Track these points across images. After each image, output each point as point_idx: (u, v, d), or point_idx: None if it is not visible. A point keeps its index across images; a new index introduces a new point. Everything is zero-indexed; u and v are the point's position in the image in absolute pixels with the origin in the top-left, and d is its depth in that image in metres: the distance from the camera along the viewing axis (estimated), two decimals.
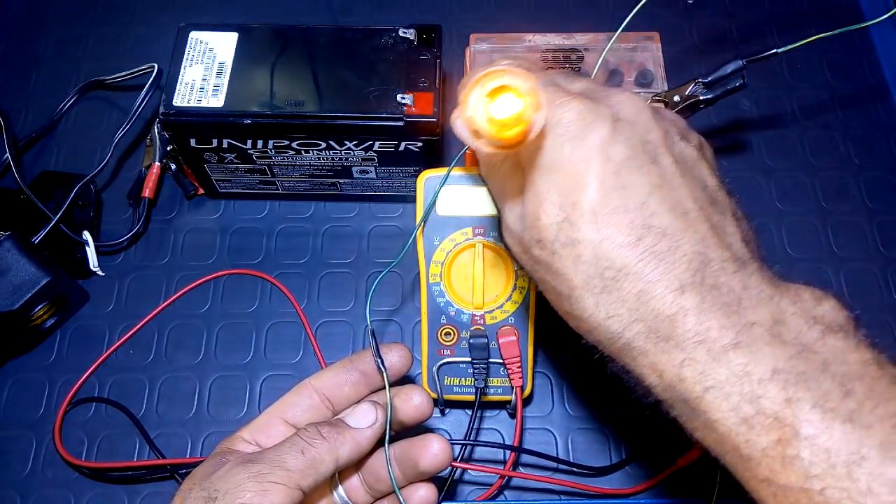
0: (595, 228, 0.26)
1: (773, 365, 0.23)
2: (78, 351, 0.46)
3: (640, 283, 0.25)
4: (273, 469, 0.30)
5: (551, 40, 0.45)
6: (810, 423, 0.22)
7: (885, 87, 0.55)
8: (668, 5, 0.58)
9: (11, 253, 0.43)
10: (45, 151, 0.53)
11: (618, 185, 0.26)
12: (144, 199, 0.49)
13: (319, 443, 0.32)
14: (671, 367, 0.25)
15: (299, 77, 0.44)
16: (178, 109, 0.42)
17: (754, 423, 0.23)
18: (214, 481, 0.30)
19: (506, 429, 0.44)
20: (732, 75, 0.41)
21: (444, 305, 0.40)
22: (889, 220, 0.50)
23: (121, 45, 0.57)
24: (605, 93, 0.29)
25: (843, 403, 0.22)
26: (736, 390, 0.23)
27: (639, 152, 0.27)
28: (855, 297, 0.47)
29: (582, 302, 0.27)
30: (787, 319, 0.24)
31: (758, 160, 0.52)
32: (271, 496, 0.29)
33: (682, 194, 0.27)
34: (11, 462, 0.43)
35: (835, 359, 0.23)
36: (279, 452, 0.31)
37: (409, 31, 0.44)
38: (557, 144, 0.27)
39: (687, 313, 0.24)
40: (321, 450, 0.31)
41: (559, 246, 0.27)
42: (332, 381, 0.35)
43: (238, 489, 0.29)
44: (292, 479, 0.30)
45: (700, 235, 0.26)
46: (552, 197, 0.27)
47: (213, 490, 0.29)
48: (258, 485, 0.29)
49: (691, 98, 0.42)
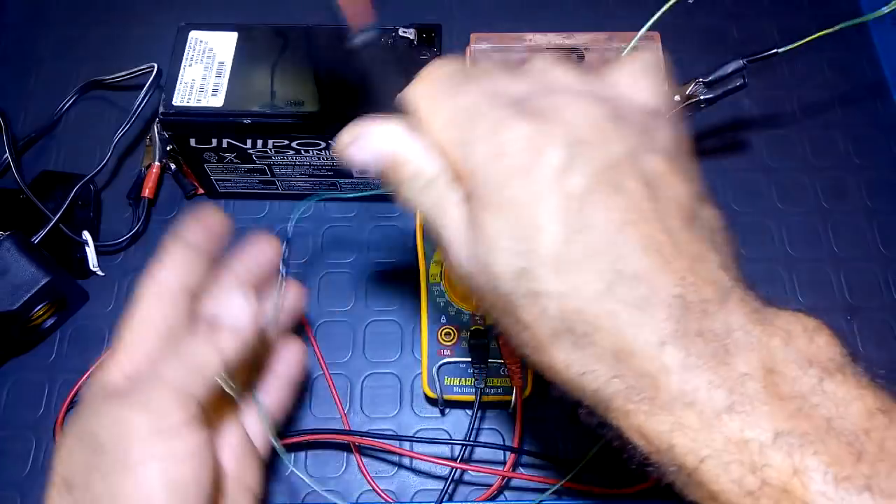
0: (559, 280, 0.22)
1: (773, 427, 0.21)
2: (78, 351, 0.46)
3: (616, 339, 0.22)
4: (153, 386, 0.27)
5: (552, 39, 0.45)
6: (825, 497, 0.20)
7: (885, 87, 0.55)
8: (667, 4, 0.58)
9: (11, 253, 0.43)
10: (44, 151, 0.53)
11: (580, 226, 0.22)
12: (144, 198, 0.49)
13: (195, 343, 0.29)
14: (659, 432, 0.22)
15: (299, 77, 0.44)
16: (178, 109, 0.42)
17: (761, 496, 0.21)
18: (92, 427, 0.26)
19: (506, 429, 0.44)
20: (733, 75, 0.41)
21: (444, 305, 0.40)
22: (890, 220, 0.50)
23: (121, 44, 0.57)
24: (555, 101, 0.25)
25: (857, 469, 0.20)
26: (735, 459, 0.21)
27: (601, 181, 0.23)
28: (855, 296, 0.47)
29: (551, 357, 0.23)
30: (780, 367, 0.22)
31: (758, 159, 0.52)
32: (162, 415, 0.26)
33: (654, 227, 0.23)
34: (11, 462, 0.43)
35: (838, 412, 0.21)
36: (154, 368, 0.28)
37: (409, 31, 0.44)
38: (504, 178, 0.23)
39: (671, 372, 0.22)
40: (200, 350, 0.28)
41: (519, 297, 0.23)
42: (188, 276, 0.32)
43: (124, 424, 0.26)
44: (177, 389, 0.27)
45: (679, 275, 0.22)
46: (504, 243, 0.23)
47: (92, 437, 0.26)
48: (142, 408, 0.26)
49: (692, 98, 0.42)
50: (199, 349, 0.29)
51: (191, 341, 0.29)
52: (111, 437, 0.26)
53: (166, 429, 0.27)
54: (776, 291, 0.47)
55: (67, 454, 0.27)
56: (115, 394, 0.27)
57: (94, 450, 0.26)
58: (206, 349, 0.29)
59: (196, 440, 0.28)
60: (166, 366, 0.28)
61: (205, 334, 0.30)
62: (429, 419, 0.44)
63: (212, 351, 0.29)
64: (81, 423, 0.28)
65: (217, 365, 0.29)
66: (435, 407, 0.44)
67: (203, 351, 0.29)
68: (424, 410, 0.44)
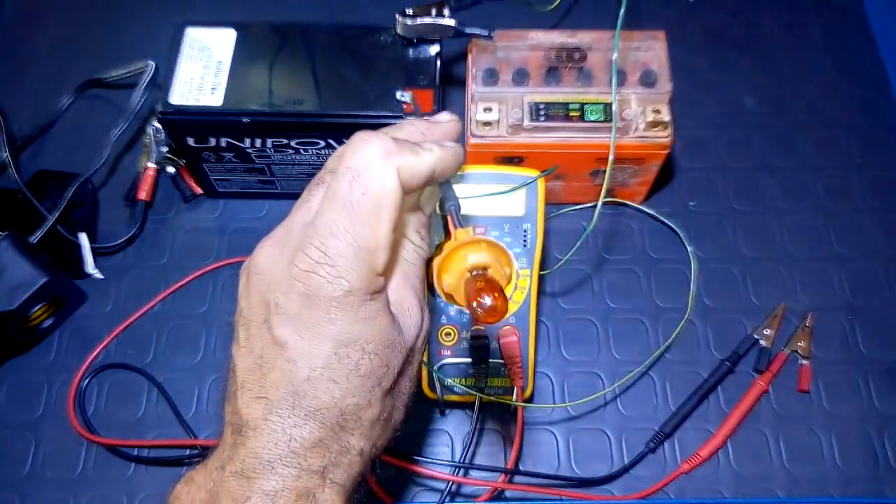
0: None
1: None
2: (76, 351, 0.46)
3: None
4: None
5: (554, 38, 0.45)
6: None
7: (888, 86, 0.55)
8: (669, 4, 0.58)
9: (9, 253, 0.42)
10: (42, 150, 0.53)
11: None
12: (140, 201, 0.49)
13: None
14: None
15: (298, 75, 0.43)
16: (176, 108, 0.42)
17: None
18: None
19: (506, 429, 0.43)
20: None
21: (444, 305, 0.40)
22: (892, 219, 0.50)
23: (119, 43, 0.57)
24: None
25: None
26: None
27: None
28: (857, 295, 0.47)
29: None
30: None
31: (760, 158, 0.52)
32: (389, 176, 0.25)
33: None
34: (10, 462, 0.43)
35: None
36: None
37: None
38: None
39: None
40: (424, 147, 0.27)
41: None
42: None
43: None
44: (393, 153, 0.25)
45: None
46: None
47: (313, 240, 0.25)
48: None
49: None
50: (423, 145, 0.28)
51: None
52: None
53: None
54: (777, 290, 0.47)
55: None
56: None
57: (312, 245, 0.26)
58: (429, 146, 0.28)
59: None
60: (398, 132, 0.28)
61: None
62: (429, 420, 0.44)
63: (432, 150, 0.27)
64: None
65: (431, 166, 0.27)
66: (435, 407, 0.44)
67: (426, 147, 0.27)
68: (425, 411, 0.44)
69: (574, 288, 0.48)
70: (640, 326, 0.46)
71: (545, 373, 0.45)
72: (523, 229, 0.39)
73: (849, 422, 0.43)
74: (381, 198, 0.25)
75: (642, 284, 0.48)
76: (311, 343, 0.25)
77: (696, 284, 0.47)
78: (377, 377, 0.26)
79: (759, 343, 0.45)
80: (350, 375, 0.25)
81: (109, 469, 0.43)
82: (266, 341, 0.26)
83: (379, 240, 0.25)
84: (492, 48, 0.45)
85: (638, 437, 0.43)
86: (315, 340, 0.25)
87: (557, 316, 0.47)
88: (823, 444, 0.43)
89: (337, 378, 0.25)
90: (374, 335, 0.26)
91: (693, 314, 0.46)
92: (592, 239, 0.49)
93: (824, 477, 0.42)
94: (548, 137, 0.43)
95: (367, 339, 0.26)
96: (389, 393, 0.27)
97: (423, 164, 0.27)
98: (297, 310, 0.25)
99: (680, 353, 0.46)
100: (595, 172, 0.46)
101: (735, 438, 0.43)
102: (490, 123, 0.43)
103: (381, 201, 0.25)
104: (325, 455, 0.25)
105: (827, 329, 0.46)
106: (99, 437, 0.43)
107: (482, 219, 0.39)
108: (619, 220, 0.50)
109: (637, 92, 0.43)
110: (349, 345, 0.25)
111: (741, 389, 0.44)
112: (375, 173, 0.25)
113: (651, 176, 0.47)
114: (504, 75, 0.44)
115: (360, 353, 0.26)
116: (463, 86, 0.45)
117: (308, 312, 0.25)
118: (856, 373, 0.45)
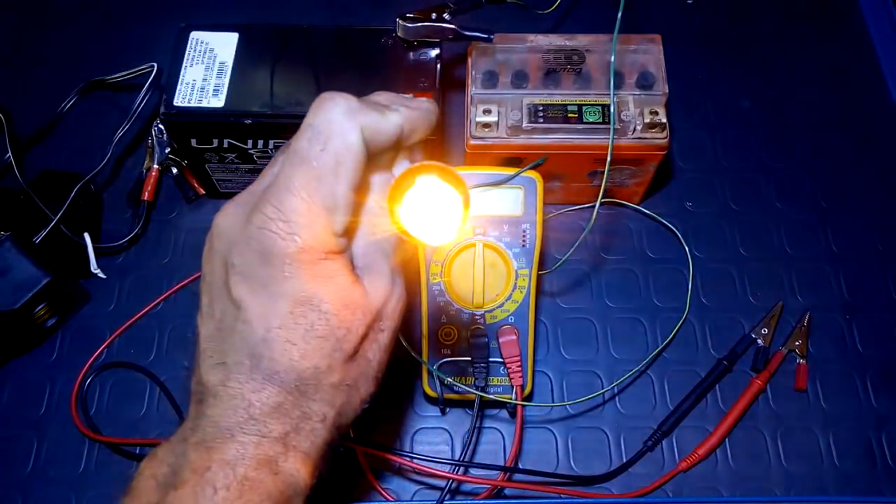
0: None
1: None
2: (79, 351, 0.46)
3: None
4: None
5: (553, 41, 0.45)
6: None
7: (884, 87, 0.55)
8: (667, 6, 0.59)
9: (12, 252, 0.43)
10: (45, 151, 0.53)
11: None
12: (144, 202, 0.49)
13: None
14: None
15: (300, 77, 0.44)
16: (179, 109, 0.42)
17: None
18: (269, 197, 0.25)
19: (506, 428, 0.44)
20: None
21: (444, 305, 0.40)
22: (888, 220, 0.50)
23: (122, 44, 0.57)
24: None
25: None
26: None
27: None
28: (854, 296, 0.48)
29: None
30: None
31: (756, 159, 0.53)
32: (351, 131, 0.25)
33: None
34: (12, 462, 0.43)
35: None
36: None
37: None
38: None
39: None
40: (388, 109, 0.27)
41: None
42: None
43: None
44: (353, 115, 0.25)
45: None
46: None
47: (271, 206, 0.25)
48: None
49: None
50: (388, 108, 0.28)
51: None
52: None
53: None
54: (774, 290, 0.47)
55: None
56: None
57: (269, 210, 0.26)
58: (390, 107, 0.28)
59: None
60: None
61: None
62: (429, 418, 0.44)
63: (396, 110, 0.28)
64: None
65: (398, 126, 0.27)
66: (435, 406, 0.44)
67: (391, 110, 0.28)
68: (425, 409, 0.44)
69: (573, 287, 0.48)
70: (638, 326, 0.47)
71: (544, 372, 0.45)
72: (522, 229, 0.40)
73: (845, 420, 0.44)
74: (341, 155, 0.25)
75: (640, 284, 0.48)
76: (266, 301, 0.25)
77: (693, 284, 0.48)
78: (336, 339, 0.25)
79: (756, 342, 0.46)
80: (307, 336, 0.25)
81: (112, 467, 0.43)
82: (226, 304, 0.25)
83: (336, 198, 0.25)
84: (491, 51, 0.45)
85: (636, 436, 0.43)
86: (270, 299, 0.25)
87: (556, 315, 0.47)
88: (820, 443, 0.43)
89: (293, 339, 0.25)
90: (331, 294, 0.25)
91: (691, 313, 0.47)
92: (591, 239, 0.49)
93: (821, 475, 0.42)
94: (546, 139, 0.44)
95: (321, 297, 0.25)
96: (353, 358, 0.26)
97: (390, 122, 0.26)
98: (253, 268, 0.25)
99: (678, 352, 0.46)
100: (593, 173, 0.47)
101: (732, 437, 0.43)
102: (489, 125, 0.43)
103: (340, 159, 0.25)
104: (286, 421, 0.25)
105: (824, 328, 0.46)
106: (101, 435, 0.43)
107: (480, 219, 0.39)
108: (618, 220, 0.50)
109: (634, 94, 0.44)
110: (304, 303, 0.25)
111: (739, 388, 0.44)
112: (336, 129, 0.25)
113: (648, 176, 0.47)
114: (503, 78, 0.45)
115: (317, 313, 0.25)
116: (463, 88, 0.46)
117: (263, 270, 0.25)
118: (853, 372, 0.45)
